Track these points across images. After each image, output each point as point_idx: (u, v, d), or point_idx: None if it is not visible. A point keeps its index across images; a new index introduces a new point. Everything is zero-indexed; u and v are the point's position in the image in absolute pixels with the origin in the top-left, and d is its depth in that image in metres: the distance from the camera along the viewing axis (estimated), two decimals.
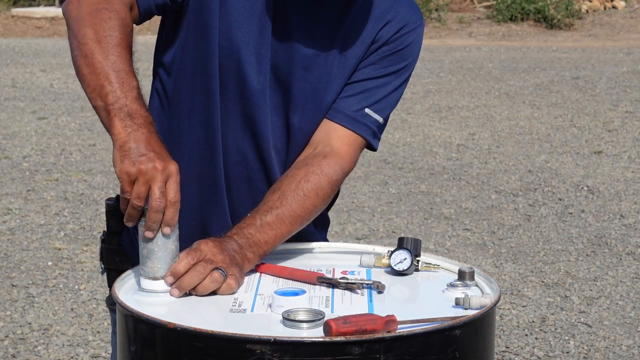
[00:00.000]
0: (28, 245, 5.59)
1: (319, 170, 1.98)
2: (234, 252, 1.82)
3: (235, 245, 1.84)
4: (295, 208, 1.93)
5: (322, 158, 2.00)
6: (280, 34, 2.00)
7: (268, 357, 1.51)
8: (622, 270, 5.32)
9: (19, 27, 17.62)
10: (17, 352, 4.19)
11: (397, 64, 2.08)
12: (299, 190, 1.95)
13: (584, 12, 18.42)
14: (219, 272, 1.75)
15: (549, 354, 4.27)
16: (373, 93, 2.06)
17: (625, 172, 7.47)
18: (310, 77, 2.03)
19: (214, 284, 1.75)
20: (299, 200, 1.94)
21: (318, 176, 1.97)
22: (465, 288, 1.79)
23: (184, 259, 1.75)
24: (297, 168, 2.00)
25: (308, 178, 1.97)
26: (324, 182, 1.98)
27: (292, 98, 2.03)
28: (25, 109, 9.71)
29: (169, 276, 1.75)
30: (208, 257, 1.76)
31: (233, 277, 1.77)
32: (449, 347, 1.59)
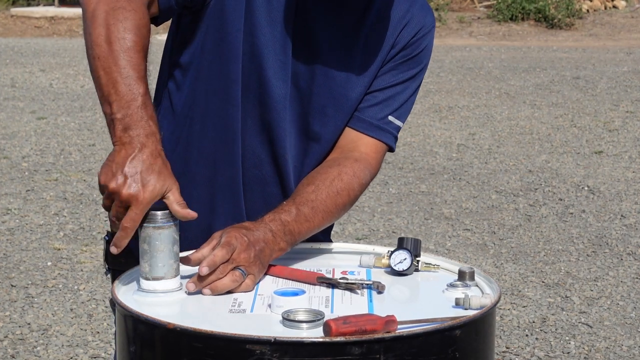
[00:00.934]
0: (27, 246, 5.59)
1: (351, 172, 2.03)
2: (264, 244, 1.83)
3: (269, 235, 1.85)
4: (329, 204, 1.97)
5: (354, 161, 2.05)
6: (301, 41, 2.00)
7: (268, 357, 1.50)
8: (623, 270, 5.32)
9: (18, 26, 17.62)
10: (17, 353, 4.19)
11: (413, 68, 2.11)
12: (333, 187, 1.99)
13: (584, 11, 18.43)
14: (240, 272, 1.77)
15: (550, 354, 4.27)
16: (394, 100, 2.10)
17: (626, 172, 7.47)
18: (331, 84, 2.03)
19: (233, 283, 1.77)
20: (332, 196, 1.98)
21: (350, 177, 2.02)
22: (465, 288, 1.79)
23: (219, 252, 1.76)
24: (329, 166, 2.03)
25: (341, 177, 2.01)
26: (355, 183, 2.03)
27: (312, 105, 2.04)
28: (24, 108, 9.71)
29: (204, 267, 1.75)
30: (232, 257, 1.77)
31: (251, 278, 1.79)
32: (449, 348, 1.59)
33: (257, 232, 1.84)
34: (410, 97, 2.12)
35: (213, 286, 1.76)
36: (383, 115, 2.09)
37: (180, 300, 1.75)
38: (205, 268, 1.74)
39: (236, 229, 1.83)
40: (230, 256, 1.77)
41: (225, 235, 1.81)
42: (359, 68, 2.04)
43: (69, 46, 14.74)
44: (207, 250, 1.79)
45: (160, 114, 2.07)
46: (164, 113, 2.07)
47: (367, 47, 2.05)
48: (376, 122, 2.09)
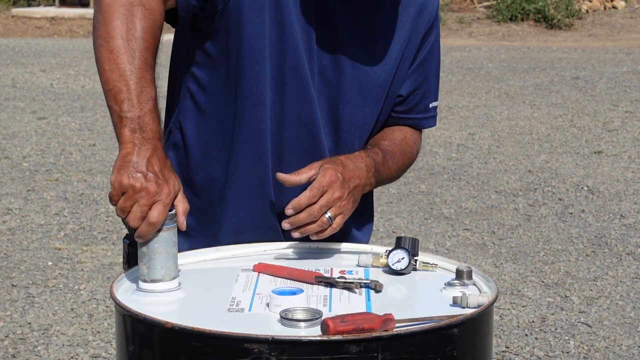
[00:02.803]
0: (28, 245, 5.59)
1: (413, 139, 2.17)
2: (358, 180, 1.96)
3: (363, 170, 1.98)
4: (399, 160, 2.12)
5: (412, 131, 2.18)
6: (323, 32, 2.01)
7: (266, 356, 1.51)
8: (622, 270, 5.32)
9: (19, 27, 17.62)
10: (17, 352, 4.19)
11: (434, 53, 2.17)
12: (402, 147, 2.13)
13: (584, 12, 18.42)
14: (327, 219, 1.89)
15: (549, 354, 4.27)
16: (430, 89, 2.18)
17: (625, 172, 7.47)
18: (356, 73, 2.05)
19: (319, 227, 1.90)
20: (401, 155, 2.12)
21: (412, 143, 2.17)
22: (462, 287, 1.79)
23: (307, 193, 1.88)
24: (393, 130, 2.15)
25: (407, 141, 2.15)
26: (414, 150, 2.19)
27: (341, 96, 2.05)
28: (25, 109, 9.71)
29: (290, 209, 1.88)
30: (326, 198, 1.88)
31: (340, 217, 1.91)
32: (446, 346, 1.59)
33: (353, 166, 1.96)
34: (438, 75, 2.22)
35: (301, 229, 1.89)
36: (425, 107, 2.19)
37: (179, 299, 1.76)
38: (290, 210, 1.88)
39: (332, 166, 1.93)
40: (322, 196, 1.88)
41: (321, 171, 1.92)
42: (381, 54, 2.07)
43: (70, 46, 14.74)
44: (304, 177, 1.92)
45: (182, 114, 2.08)
46: (186, 114, 2.07)
47: (386, 32, 2.07)
48: (422, 116, 2.19)
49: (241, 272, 1.91)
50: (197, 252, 2.01)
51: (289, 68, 1.99)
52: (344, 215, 1.93)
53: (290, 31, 1.98)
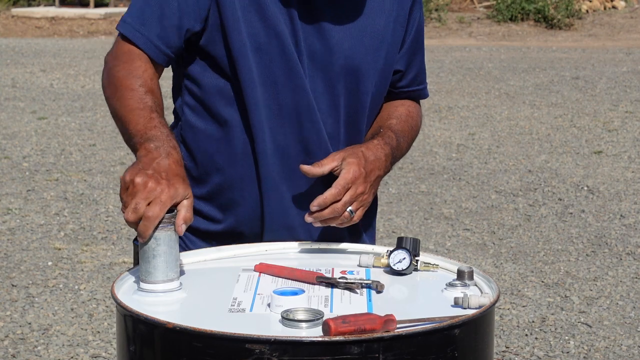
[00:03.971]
0: (28, 245, 5.59)
1: (415, 111, 2.24)
2: (378, 171, 2.01)
3: (382, 159, 2.03)
4: (407, 136, 2.18)
5: (413, 104, 2.26)
6: (306, 17, 2.03)
7: (267, 356, 1.51)
8: (622, 270, 5.32)
9: (19, 27, 17.62)
10: (17, 352, 4.19)
11: (422, 28, 2.22)
12: (408, 122, 2.19)
13: (584, 12, 18.42)
14: (348, 213, 1.94)
15: (549, 354, 4.27)
16: (421, 61, 2.25)
17: (625, 172, 7.47)
18: (347, 52, 2.06)
19: (342, 221, 1.95)
20: (408, 131, 2.18)
21: (415, 115, 2.24)
22: (464, 288, 1.79)
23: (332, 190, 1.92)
24: (397, 106, 2.22)
25: (412, 116, 2.21)
26: (419, 121, 2.25)
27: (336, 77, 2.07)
28: (25, 109, 9.71)
29: (315, 205, 1.92)
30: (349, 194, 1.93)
31: (361, 210, 1.97)
32: (448, 347, 1.59)
33: (373, 158, 2.00)
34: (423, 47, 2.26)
35: (324, 222, 1.94)
36: (420, 81, 2.26)
37: (180, 299, 1.76)
38: (315, 207, 1.92)
39: (355, 160, 1.97)
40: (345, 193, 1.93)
41: (344, 166, 1.95)
42: (367, 31, 2.08)
43: (70, 46, 14.74)
44: (327, 168, 1.96)
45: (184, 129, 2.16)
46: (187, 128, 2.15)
47: (368, 8, 2.08)
48: (422, 87, 2.26)
49: (242, 272, 1.91)
50: (198, 252, 2.02)
51: (276, 61, 2.02)
52: (364, 208, 1.98)
53: (273, 23, 2.01)
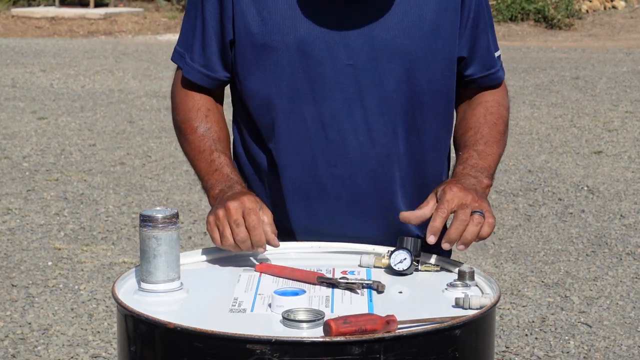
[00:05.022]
0: (28, 245, 5.59)
1: (495, 103, 2.17)
2: (475, 185, 1.96)
3: (472, 179, 1.99)
4: (495, 135, 2.12)
5: (491, 94, 2.19)
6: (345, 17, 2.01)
7: (268, 357, 1.51)
8: (622, 270, 5.32)
9: (19, 27, 17.62)
10: (17, 352, 4.19)
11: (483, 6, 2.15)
12: (488, 122, 2.13)
13: (584, 12, 18.43)
14: (478, 214, 1.86)
15: (549, 354, 4.27)
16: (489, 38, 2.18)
17: (625, 172, 7.47)
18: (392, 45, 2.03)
19: (477, 227, 1.85)
20: (492, 128, 2.12)
21: (496, 108, 2.16)
22: (465, 288, 1.79)
23: (438, 216, 1.86)
24: (473, 108, 2.17)
25: (490, 111, 2.15)
26: (503, 110, 2.18)
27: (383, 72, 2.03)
28: (25, 109, 9.71)
29: (430, 235, 1.85)
30: (461, 203, 1.87)
31: (489, 213, 1.88)
32: (449, 347, 1.59)
33: (464, 180, 1.97)
34: (492, 22, 2.20)
35: (463, 238, 1.85)
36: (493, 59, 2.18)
37: (181, 299, 1.76)
38: (432, 237, 1.86)
39: (446, 185, 1.93)
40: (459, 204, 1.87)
41: (440, 192, 1.91)
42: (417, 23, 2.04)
43: (70, 46, 14.74)
44: (427, 209, 1.91)
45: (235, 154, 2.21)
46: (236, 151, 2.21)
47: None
48: (494, 70, 2.18)
49: (243, 272, 1.91)
50: (199, 252, 2.01)
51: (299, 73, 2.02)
52: (489, 212, 1.89)
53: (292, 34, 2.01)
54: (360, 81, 2.02)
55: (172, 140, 8.44)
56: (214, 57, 2.09)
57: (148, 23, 18.28)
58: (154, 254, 1.75)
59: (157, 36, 16.71)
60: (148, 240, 1.75)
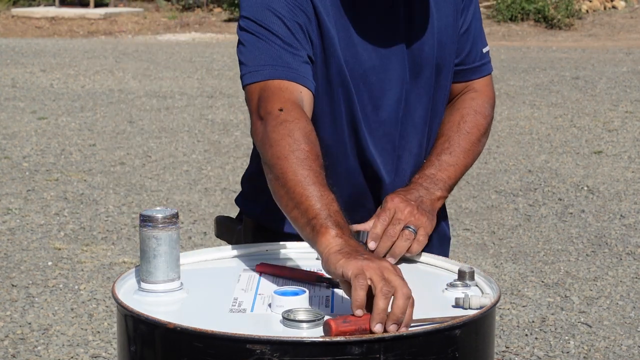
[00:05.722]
0: (28, 245, 5.59)
1: (472, 111, 2.16)
2: (421, 197, 1.99)
3: (422, 190, 2.01)
4: (464, 144, 2.11)
5: (471, 100, 2.18)
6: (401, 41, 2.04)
7: (268, 357, 1.51)
8: (622, 270, 5.32)
9: (19, 27, 17.62)
10: (17, 352, 4.19)
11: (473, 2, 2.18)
12: (461, 130, 2.12)
13: (584, 12, 18.43)
14: (409, 231, 1.90)
15: (549, 354, 4.27)
16: (478, 35, 2.19)
17: (625, 172, 7.47)
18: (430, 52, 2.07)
19: (406, 242, 1.90)
20: (463, 137, 2.12)
21: (473, 115, 2.15)
22: (465, 288, 1.79)
23: (379, 222, 1.91)
24: (451, 114, 2.16)
25: (465, 119, 2.14)
26: (480, 118, 2.16)
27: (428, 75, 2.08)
28: (25, 109, 9.72)
29: (371, 241, 1.89)
30: (396, 217, 1.92)
31: (422, 231, 1.92)
32: (448, 347, 1.59)
33: (411, 192, 2.00)
34: (480, 19, 2.21)
35: (391, 252, 1.89)
36: (480, 55, 2.19)
37: (181, 300, 1.76)
38: (372, 243, 1.90)
39: (391, 195, 1.98)
40: (392, 218, 1.91)
41: (384, 201, 1.97)
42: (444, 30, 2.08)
43: (70, 46, 14.74)
44: (370, 222, 1.93)
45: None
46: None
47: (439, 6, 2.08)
48: (478, 64, 2.19)
49: (243, 272, 1.91)
50: (199, 252, 2.02)
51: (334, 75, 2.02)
52: (425, 228, 1.93)
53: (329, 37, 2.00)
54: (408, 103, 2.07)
55: (172, 140, 8.45)
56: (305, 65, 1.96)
57: (148, 23, 18.29)
58: (154, 254, 1.75)
59: (157, 36, 16.71)
60: (148, 240, 1.75)
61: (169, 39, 16.13)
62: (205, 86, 11.31)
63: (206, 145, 8.23)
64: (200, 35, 16.91)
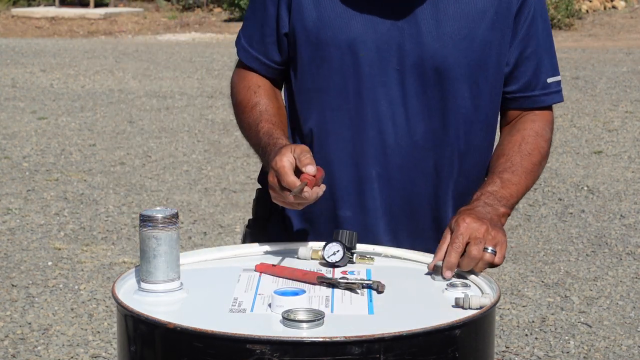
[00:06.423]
0: (28, 245, 5.59)
1: (533, 133, 2.14)
2: (489, 214, 1.95)
3: (487, 207, 1.98)
4: (525, 164, 2.10)
5: (531, 122, 2.16)
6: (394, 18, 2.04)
7: (268, 357, 1.51)
8: (622, 270, 5.32)
9: (19, 27, 17.63)
10: (17, 352, 4.19)
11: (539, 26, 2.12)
12: (522, 151, 2.11)
13: (584, 12, 18.43)
14: (490, 253, 1.88)
15: (549, 354, 4.27)
16: (543, 62, 2.14)
17: (625, 172, 7.47)
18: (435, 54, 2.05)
19: (486, 265, 1.88)
20: (525, 157, 2.11)
21: (534, 137, 2.14)
22: (465, 288, 1.80)
23: (453, 251, 1.87)
24: (511, 135, 2.15)
25: (526, 140, 2.13)
26: (541, 141, 2.14)
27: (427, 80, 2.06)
28: (25, 109, 9.72)
29: (447, 271, 1.85)
30: (474, 236, 1.88)
31: (501, 247, 1.89)
32: (448, 347, 1.59)
33: (478, 209, 1.96)
34: (552, 45, 2.16)
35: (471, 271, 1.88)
36: (542, 83, 2.15)
37: (181, 300, 1.76)
38: (449, 272, 1.86)
39: (458, 216, 1.93)
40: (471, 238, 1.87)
41: (454, 224, 1.91)
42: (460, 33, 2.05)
43: (70, 46, 14.74)
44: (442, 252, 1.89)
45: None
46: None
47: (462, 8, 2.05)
48: (539, 92, 2.16)
49: (243, 272, 1.91)
50: (199, 252, 2.02)
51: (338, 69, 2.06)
52: (502, 245, 1.90)
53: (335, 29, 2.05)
54: (405, 86, 2.05)
55: (172, 140, 8.45)
56: (272, 46, 2.14)
57: (148, 23, 18.29)
58: (154, 254, 1.75)
59: (157, 36, 16.71)
60: (148, 240, 1.75)
61: (169, 39, 16.13)
62: (205, 86, 11.32)
63: (206, 145, 8.23)
64: (200, 35, 16.91)
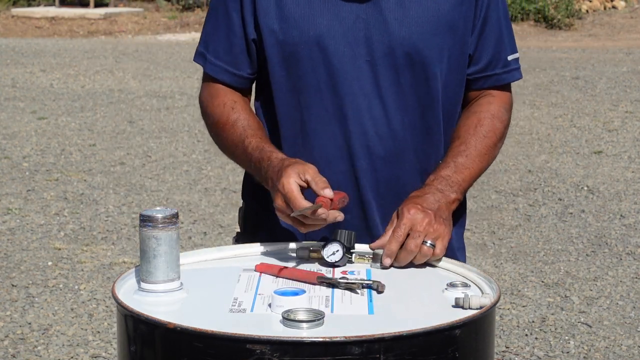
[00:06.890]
0: (28, 245, 5.59)
1: (489, 115, 2.15)
2: (437, 202, 1.98)
3: (438, 194, 2.00)
4: (480, 147, 2.11)
5: (488, 104, 2.17)
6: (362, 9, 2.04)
7: (268, 357, 1.51)
8: (622, 270, 5.32)
9: (19, 27, 17.62)
10: (17, 352, 4.19)
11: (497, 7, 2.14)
12: (478, 133, 2.12)
13: (584, 12, 18.43)
14: (428, 247, 1.91)
15: (549, 354, 4.27)
16: (502, 40, 2.15)
17: (625, 172, 7.47)
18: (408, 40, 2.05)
19: (424, 258, 1.92)
20: (480, 140, 2.12)
21: (490, 119, 2.15)
22: (465, 288, 1.80)
23: (393, 239, 1.91)
24: (467, 117, 2.16)
25: (482, 122, 2.14)
26: (497, 122, 2.15)
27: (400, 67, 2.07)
28: (25, 109, 9.72)
29: (386, 258, 1.90)
30: (414, 229, 1.91)
31: (440, 241, 1.92)
32: (448, 347, 1.59)
33: (427, 197, 1.98)
34: (509, 22, 2.18)
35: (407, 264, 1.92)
36: (502, 61, 2.16)
37: (181, 299, 1.76)
38: (388, 260, 1.91)
39: (407, 203, 1.96)
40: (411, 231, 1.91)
41: (400, 212, 1.95)
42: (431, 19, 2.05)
43: (70, 46, 14.74)
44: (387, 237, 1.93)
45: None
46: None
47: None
48: (499, 71, 2.17)
49: (243, 272, 1.91)
50: (199, 252, 2.02)
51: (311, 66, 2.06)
52: (443, 238, 1.93)
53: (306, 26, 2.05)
54: (378, 76, 2.06)
55: (172, 140, 8.45)
56: (241, 55, 2.12)
57: (148, 23, 18.28)
58: (154, 254, 1.75)
59: (157, 36, 16.71)
60: (148, 240, 1.75)
61: (169, 39, 16.12)
62: None
63: (206, 145, 8.22)
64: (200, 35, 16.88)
